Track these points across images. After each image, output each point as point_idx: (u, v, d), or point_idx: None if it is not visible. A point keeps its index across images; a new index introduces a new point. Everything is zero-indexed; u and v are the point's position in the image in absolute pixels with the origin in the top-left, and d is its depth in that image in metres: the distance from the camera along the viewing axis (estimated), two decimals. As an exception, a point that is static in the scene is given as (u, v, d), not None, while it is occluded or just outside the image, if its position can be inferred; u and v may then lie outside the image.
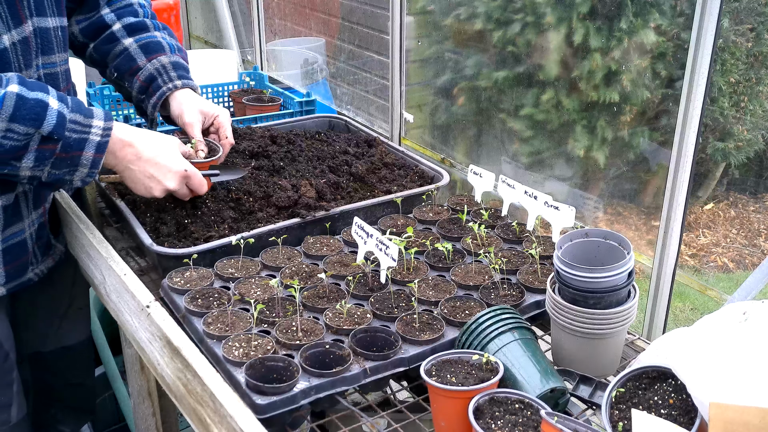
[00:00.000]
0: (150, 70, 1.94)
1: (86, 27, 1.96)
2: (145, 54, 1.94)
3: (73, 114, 1.59)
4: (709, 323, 1.26)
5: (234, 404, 1.25)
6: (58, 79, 1.79)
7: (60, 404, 2.19)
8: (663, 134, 2.96)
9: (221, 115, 2.00)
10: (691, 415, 1.20)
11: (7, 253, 1.76)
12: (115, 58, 1.96)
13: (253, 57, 4.20)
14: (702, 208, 4.46)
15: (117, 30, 1.95)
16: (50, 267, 1.94)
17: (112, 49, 1.96)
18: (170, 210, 1.92)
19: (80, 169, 1.63)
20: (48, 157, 1.57)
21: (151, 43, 1.95)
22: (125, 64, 1.95)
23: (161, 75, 1.95)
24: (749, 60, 3.79)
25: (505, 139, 3.26)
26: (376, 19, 3.74)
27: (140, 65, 1.94)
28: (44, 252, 1.91)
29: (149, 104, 1.97)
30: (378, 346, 1.50)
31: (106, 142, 1.64)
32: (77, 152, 1.60)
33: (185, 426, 2.47)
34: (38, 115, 1.52)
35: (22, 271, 1.82)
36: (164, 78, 1.95)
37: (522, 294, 1.66)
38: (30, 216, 1.80)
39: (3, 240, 1.73)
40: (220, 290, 1.68)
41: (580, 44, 2.87)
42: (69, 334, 2.12)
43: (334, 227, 1.95)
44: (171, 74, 1.95)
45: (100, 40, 1.97)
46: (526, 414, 1.28)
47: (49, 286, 2.00)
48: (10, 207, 1.73)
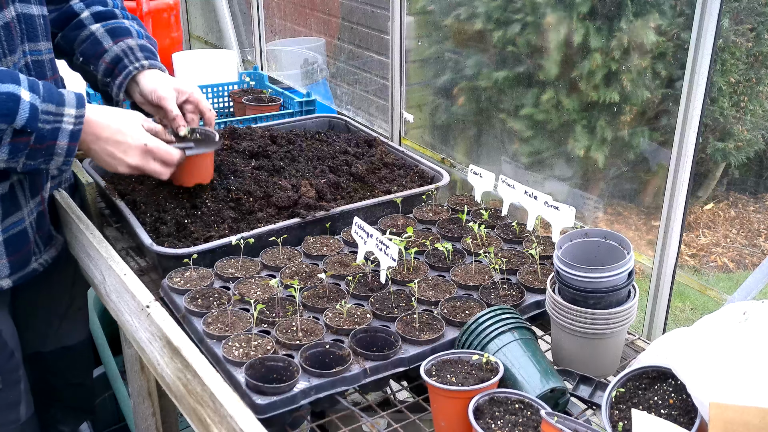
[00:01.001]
0: (116, 51, 1.91)
1: (56, 17, 1.95)
2: (111, 37, 1.92)
3: (45, 104, 1.57)
4: (709, 323, 1.26)
5: (234, 404, 1.25)
6: (45, 67, 1.80)
7: (60, 404, 2.19)
8: (663, 134, 2.96)
9: (195, 91, 1.98)
10: (691, 415, 1.20)
11: (9, 244, 1.76)
12: (81, 43, 1.94)
13: (253, 57, 4.20)
14: (702, 208, 4.46)
15: (85, 17, 1.95)
16: (54, 257, 1.93)
17: (78, 35, 1.95)
18: (170, 210, 1.92)
19: (55, 158, 1.62)
20: (22, 149, 1.56)
21: (118, 28, 1.93)
22: (91, 48, 1.93)
23: (127, 56, 1.92)
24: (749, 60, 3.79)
25: (505, 139, 3.26)
26: (376, 19, 3.74)
27: (106, 48, 1.92)
28: (46, 242, 1.91)
29: (114, 85, 1.93)
30: (378, 346, 1.50)
31: (79, 129, 1.63)
32: (51, 142, 1.60)
33: (185, 426, 2.47)
34: (10, 110, 1.51)
35: (25, 261, 1.82)
36: (130, 58, 1.92)
37: (522, 294, 1.66)
38: (28, 205, 1.80)
39: (3, 230, 1.73)
40: (220, 290, 1.68)
41: (580, 44, 2.87)
42: (69, 334, 2.12)
43: (334, 227, 1.95)
44: (138, 54, 1.93)
45: (68, 27, 1.96)
46: (526, 414, 1.28)
47: (49, 286, 2.00)
48: (6, 196, 1.73)
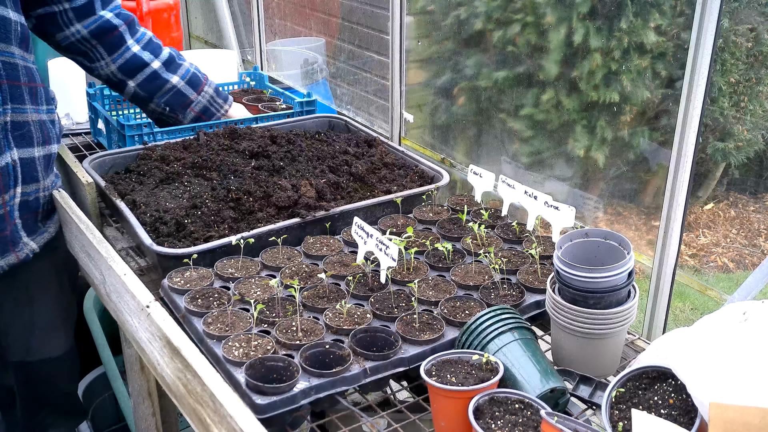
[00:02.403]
0: (203, 102, 2.33)
1: (123, 65, 2.19)
2: (192, 88, 2.29)
3: None
4: (709, 323, 1.26)
5: (234, 404, 1.25)
6: (18, 71, 1.82)
7: (49, 409, 2.19)
8: (663, 134, 2.96)
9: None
10: (691, 415, 1.20)
11: None
12: (165, 95, 2.26)
13: (253, 57, 4.20)
14: (702, 208, 4.46)
15: (159, 68, 2.23)
16: (12, 264, 1.89)
17: (161, 86, 2.25)
18: (170, 210, 1.92)
19: None
20: None
21: (193, 77, 2.29)
22: (177, 100, 2.29)
23: (212, 105, 2.35)
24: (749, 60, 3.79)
25: (505, 139, 3.26)
26: (376, 19, 3.73)
27: (192, 99, 2.31)
28: (4, 247, 1.87)
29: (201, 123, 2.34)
30: (378, 346, 1.50)
31: None
32: None
33: (185, 426, 2.47)
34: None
35: None
36: (216, 106, 2.37)
37: (522, 294, 1.66)
38: None
39: None
40: (220, 290, 1.68)
41: (580, 44, 2.86)
42: (53, 345, 2.10)
43: (334, 227, 1.95)
44: (218, 101, 2.37)
45: (144, 79, 2.23)
46: (526, 414, 1.28)
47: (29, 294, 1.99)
48: None
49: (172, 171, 2.13)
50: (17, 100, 1.82)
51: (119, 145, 2.46)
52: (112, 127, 2.50)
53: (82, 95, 2.83)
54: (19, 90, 1.82)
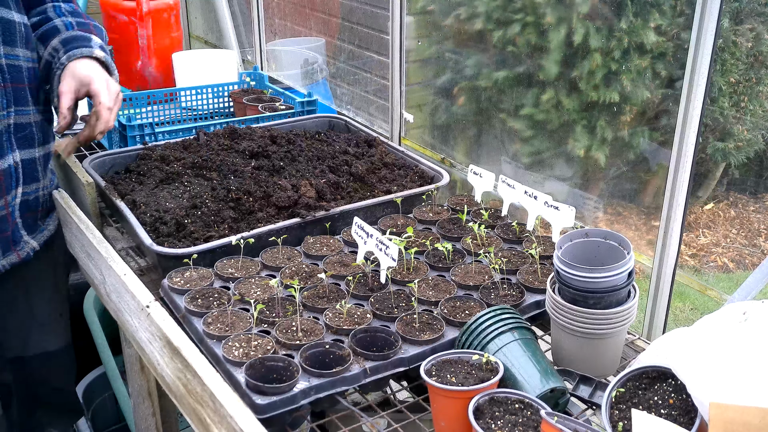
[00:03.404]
0: (45, 58, 1.86)
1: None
2: (42, 43, 1.86)
3: None
4: (709, 323, 1.26)
5: (234, 404, 1.25)
6: (22, 73, 1.81)
7: (45, 407, 2.19)
8: (663, 134, 2.96)
9: (95, 80, 1.83)
10: (691, 415, 1.20)
11: None
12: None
13: (253, 57, 4.20)
14: (702, 208, 4.46)
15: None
16: (14, 263, 1.90)
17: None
18: (170, 210, 1.92)
19: None
20: None
21: (47, 31, 1.86)
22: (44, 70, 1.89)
23: (54, 59, 1.84)
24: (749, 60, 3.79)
25: (505, 139, 3.26)
26: (376, 19, 3.73)
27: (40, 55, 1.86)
28: (5, 247, 1.87)
29: (53, 95, 1.85)
30: (378, 346, 1.50)
31: None
32: None
33: (185, 426, 2.47)
34: None
35: None
36: (55, 61, 1.84)
37: (522, 294, 1.66)
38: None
39: None
40: (220, 290, 1.68)
41: (580, 44, 2.86)
42: (50, 340, 2.10)
43: (334, 227, 1.95)
44: (59, 52, 1.84)
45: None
46: (526, 414, 1.28)
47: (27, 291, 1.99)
48: None
49: (172, 171, 2.13)
50: (21, 103, 1.82)
51: (120, 146, 2.46)
52: (113, 127, 2.50)
53: (82, 96, 2.83)
54: (23, 92, 1.82)
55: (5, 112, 1.78)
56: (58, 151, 1.96)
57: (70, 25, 1.91)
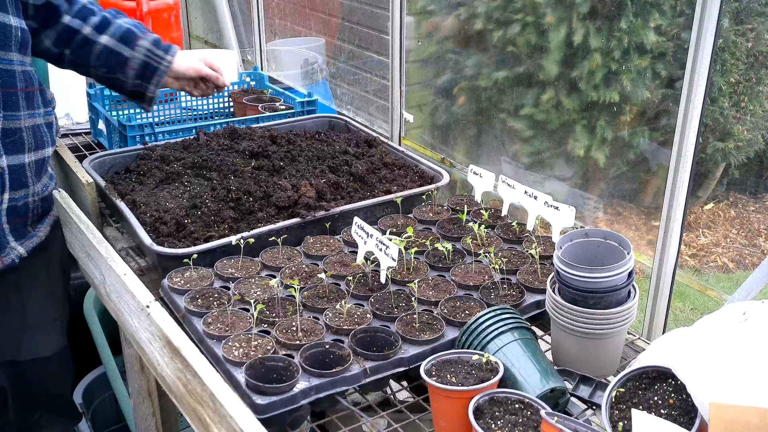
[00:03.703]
0: (139, 57, 2.11)
1: (56, 37, 2.06)
2: (126, 45, 2.10)
3: None
4: (709, 323, 1.26)
5: (234, 404, 1.25)
6: (15, 77, 1.81)
7: (42, 410, 2.18)
8: (663, 134, 2.96)
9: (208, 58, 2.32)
10: (691, 415, 1.20)
11: None
12: (99, 57, 2.09)
13: (253, 57, 4.20)
14: (702, 208, 4.46)
15: (89, 33, 2.08)
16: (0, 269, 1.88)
17: (91, 50, 2.09)
18: (170, 210, 1.92)
19: None
20: None
21: (125, 34, 2.11)
22: (111, 59, 2.09)
23: (151, 58, 2.12)
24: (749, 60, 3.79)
25: (505, 139, 3.26)
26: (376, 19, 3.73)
27: (127, 56, 2.10)
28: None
29: (151, 84, 2.15)
30: (378, 346, 1.50)
31: None
32: None
33: (185, 426, 2.47)
34: None
35: None
36: (155, 59, 2.13)
37: (522, 294, 1.66)
38: None
39: None
40: (220, 290, 1.68)
41: (580, 44, 2.86)
42: (44, 345, 2.09)
43: (334, 227, 1.95)
44: (158, 52, 2.14)
45: (74, 44, 2.08)
46: (526, 414, 1.28)
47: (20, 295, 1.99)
48: None
49: (172, 171, 2.13)
50: (11, 108, 1.81)
51: (120, 146, 2.46)
52: (113, 127, 2.50)
53: (82, 95, 2.83)
54: (14, 96, 1.82)
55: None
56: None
57: (140, 28, 2.18)
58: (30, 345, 2.06)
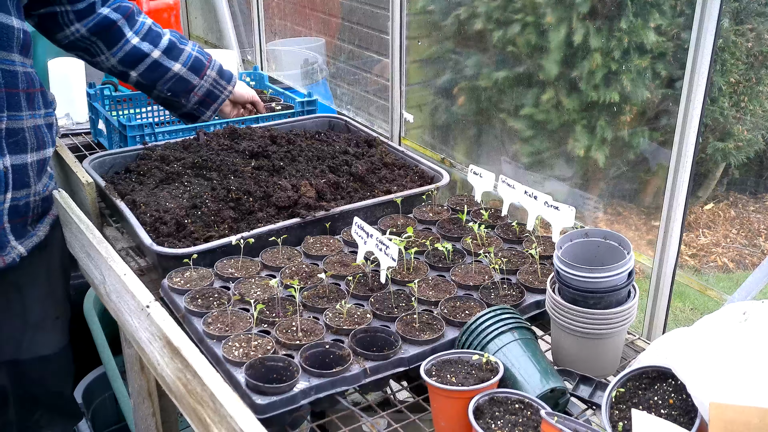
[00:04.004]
0: (206, 86, 2.28)
1: (124, 57, 2.16)
2: (195, 74, 2.26)
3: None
4: (709, 323, 1.26)
5: (234, 404, 1.25)
6: (17, 78, 1.82)
7: (43, 410, 2.18)
8: (663, 134, 2.96)
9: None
10: (691, 415, 1.20)
11: None
12: (168, 82, 2.23)
13: (253, 57, 4.20)
14: (702, 208, 4.46)
15: (159, 57, 2.20)
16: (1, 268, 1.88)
17: (162, 75, 2.21)
18: (170, 210, 1.92)
19: None
20: None
21: (195, 62, 2.25)
22: (180, 86, 2.24)
23: (216, 87, 2.30)
24: (749, 60, 3.79)
25: (505, 139, 3.26)
26: (376, 19, 3.73)
27: (195, 84, 2.26)
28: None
29: (209, 110, 2.33)
30: (378, 346, 1.50)
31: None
32: None
33: (185, 426, 2.47)
34: None
35: None
36: (219, 89, 2.32)
37: (522, 294, 1.66)
38: None
39: None
40: (220, 290, 1.68)
41: (580, 44, 2.86)
42: (45, 343, 2.09)
43: (334, 227, 1.95)
44: (222, 83, 2.31)
45: (146, 68, 2.20)
46: (526, 414, 1.28)
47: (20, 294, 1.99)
48: None
49: (172, 171, 2.13)
50: (14, 108, 1.82)
51: (120, 146, 2.46)
52: (113, 127, 2.50)
53: (82, 95, 2.83)
54: (16, 97, 1.82)
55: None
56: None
57: (204, 56, 2.32)
58: (31, 344, 2.06)
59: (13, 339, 2.03)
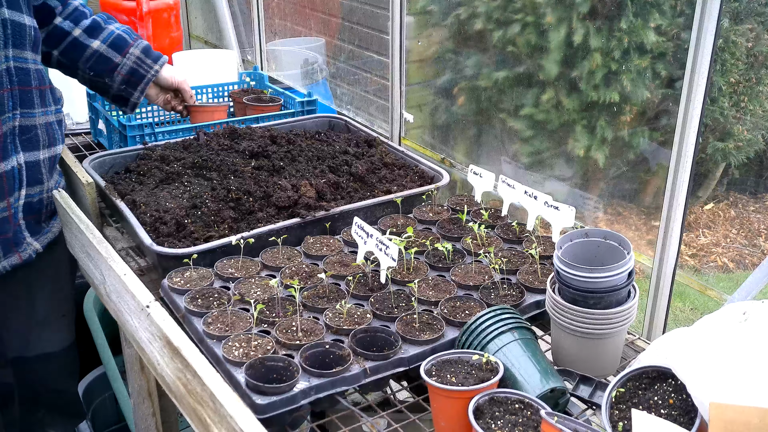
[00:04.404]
0: (129, 64, 2.19)
1: (46, 37, 2.11)
2: (116, 51, 2.18)
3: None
4: (709, 323, 1.26)
5: (234, 404, 1.25)
6: (30, 75, 1.83)
7: (47, 408, 2.19)
8: (663, 134, 2.96)
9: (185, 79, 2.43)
10: (691, 415, 1.20)
11: None
12: (88, 60, 2.16)
13: (253, 57, 4.20)
14: (702, 208, 4.46)
15: (79, 35, 2.15)
16: (15, 264, 1.91)
17: (82, 54, 2.15)
18: (170, 210, 1.92)
19: None
20: None
21: (117, 40, 2.18)
22: (101, 64, 2.17)
23: (140, 66, 2.22)
24: (749, 60, 3.79)
25: (505, 139, 3.26)
26: (376, 19, 3.73)
27: (117, 62, 2.18)
28: (7, 249, 1.88)
29: (136, 90, 2.25)
30: (378, 346, 1.50)
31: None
32: None
33: (185, 426, 2.47)
34: None
35: None
36: (144, 67, 2.23)
37: (522, 294, 1.66)
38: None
39: None
40: (220, 290, 1.68)
41: (580, 44, 2.86)
42: (51, 340, 2.10)
43: (334, 227, 1.95)
44: (147, 61, 2.23)
45: (65, 47, 2.14)
46: (526, 414, 1.28)
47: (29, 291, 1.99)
48: None
49: (172, 171, 2.13)
50: (27, 105, 1.83)
51: (120, 146, 2.46)
52: (113, 127, 2.50)
53: (82, 95, 2.83)
54: (29, 94, 1.84)
55: (11, 114, 1.78)
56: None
57: (131, 36, 2.26)
58: (37, 341, 2.07)
59: (20, 336, 2.04)
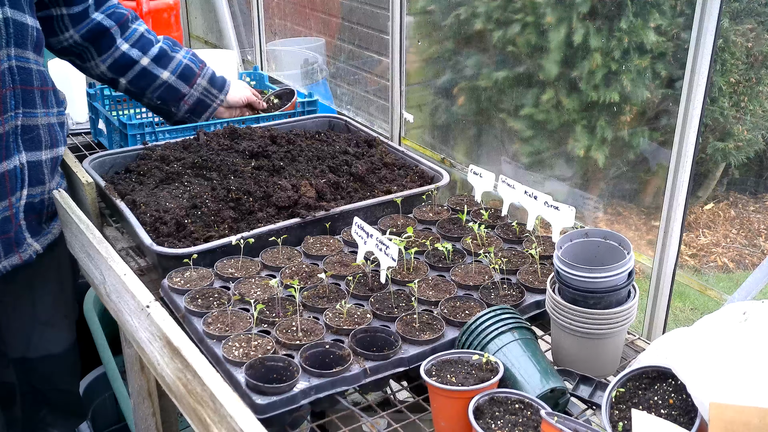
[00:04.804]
0: (196, 95, 2.29)
1: (113, 64, 2.17)
2: (185, 82, 2.26)
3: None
4: (709, 323, 1.26)
5: (234, 404, 1.25)
6: (32, 75, 1.83)
7: (49, 407, 2.19)
8: (663, 134, 2.96)
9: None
10: (691, 415, 1.20)
11: None
12: (157, 89, 2.24)
13: (253, 57, 4.20)
14: (702, 208, 4.46)
15: (148, 65, 2.20)
16: (15, 265, 1.91)
17: (151, 83, 2.23)
18: (170, 210, 1.92)
19: None
20: None
21: (185, 70, 2.25)
22: (170, 94, 2.26)
23: (207, 96, 2.32)
24: (749, 60, 3.79)
25: (505, 139, 3.26)
26: (376, 19, 3.73)
27: (184, 93, 2.27)
28: (7, 249, 1.88)
29: (200, 118, 2.36)
30: (378, 346, 1.50)
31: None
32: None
33: (185, 426, 2.47)
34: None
35: None
36: (210, 98, 2.33)
37: (522, 294, 1.66)
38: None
39: None
40: (220, 290, 1.68)
41: (580, 44, 2.87)
42: (54, 341, 2.10)
43: (334, 227, 1.95)
44: (213, 92, 2.33)
45: (135, 76, 2.21)
46: (526, 414, 1.28)
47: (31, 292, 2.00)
48: None
49: (172, 171, 2.13)
50: (29, 105, 1.83)
51: (121, 145, 2.46)
52: (114, 127, 2.50)
53: (82, 95, 2.83)
54: (31, 94, 1.84)
55: (13, 114, 1.78)
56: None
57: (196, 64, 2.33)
58: (40, 342, 2.07)
59: (23, 336, 2.04)
